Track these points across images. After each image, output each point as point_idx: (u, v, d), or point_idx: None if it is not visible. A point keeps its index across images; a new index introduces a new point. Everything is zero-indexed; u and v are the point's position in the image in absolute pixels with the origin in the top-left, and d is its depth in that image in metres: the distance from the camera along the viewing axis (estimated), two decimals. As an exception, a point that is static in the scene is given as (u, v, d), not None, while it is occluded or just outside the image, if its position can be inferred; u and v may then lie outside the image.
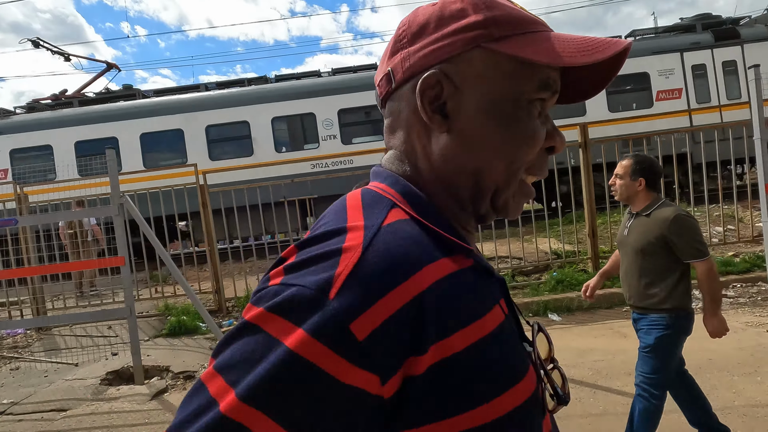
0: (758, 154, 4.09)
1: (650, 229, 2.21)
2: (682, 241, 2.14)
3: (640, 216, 2.27)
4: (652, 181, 2.26)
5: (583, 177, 5.85)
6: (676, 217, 2.14)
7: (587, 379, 3.38)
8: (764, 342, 3.71)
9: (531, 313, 5.16)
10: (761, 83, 4.00)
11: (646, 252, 2.24)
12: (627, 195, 2.31)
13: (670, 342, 2.26)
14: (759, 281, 5.21)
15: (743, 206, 7.06)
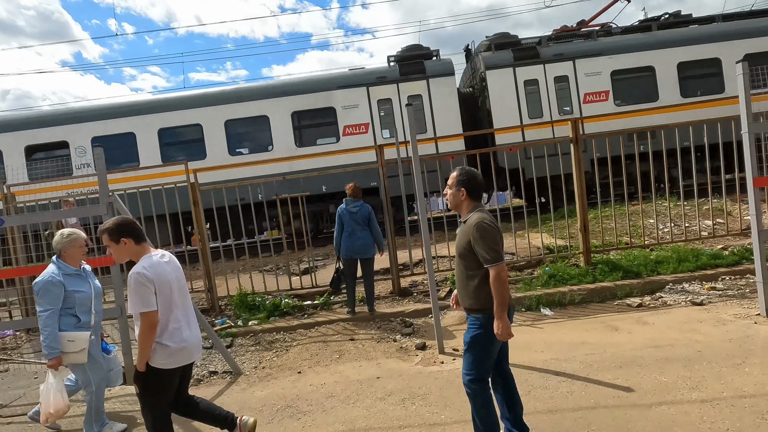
0: (746, 149, 4.14)
1: (464, 235, 2.42)
2: (478, 247, 2.32)
3: (462, 223, 2.48)
4: (474, 191, 2.46)
5: (575, 172, 5.88)
6: (477, 224, 2.33)
7: (579, 373, 3.41)
8: (752, 334, 3.77)
9: (524, 308, 5.19)
10: (748, 78, 4.04)
11: (461, 256, 2.44)
12: (455, 204, 2.52)
13: (483, 341, 2.41)
14: (747, 273, 5.28)
15: (732, 200, 7.14)
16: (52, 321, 2.98)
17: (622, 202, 7.35)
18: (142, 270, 2.38)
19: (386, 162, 6.12)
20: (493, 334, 2.36)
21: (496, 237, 2.34)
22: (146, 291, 2.36)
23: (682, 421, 2.63)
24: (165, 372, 2.48)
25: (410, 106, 4.56)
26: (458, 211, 2.54)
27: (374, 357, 4.30)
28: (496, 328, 2.32)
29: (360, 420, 3.12)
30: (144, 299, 2.36)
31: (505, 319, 2.31)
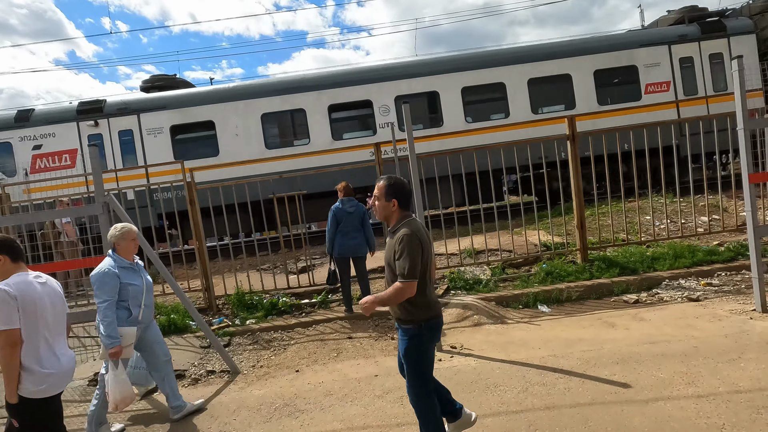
0: (741, 145, 4.16)
1: (391, 246, 2.39)
2: (398, 258, 2.30)
3: (390, 233, 2.46)
4: (404, 201, 2.44)
5: (572, 169, 5.89)
6: (402, 236, 2.31)
7: (576, 369, 3.42)
8: (748, 329, 3.79)
9: (521, 305, 5.20)
10: (744, 74, 4.05)
11: (390, 267, 2.41)
12: (384, 215, 2.46)
13: (416, 351, 2.40)
14: (743, 269, 5.31)
15: (728, 196, 7.17)
16: (110, 311, 3.05)
17: (618, 198, 7.37)
18: (4, 286, 2.25)
19: (383, 161, 6.11)
20: (424, 341, 2.39)
21: (416, 253, 2.28)
22: (8, 308, 2.22)
23: (678, 416, 2.65)
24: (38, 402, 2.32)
25: (406, 104, 4.56)
26: (388, 222, 2.48)
27: (372, 355, 4.30)
28: (363, 301, 2.34)
29: (358, 418, 3.12)
30: (4, 316, 2.22)
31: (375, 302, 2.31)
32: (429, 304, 2.40)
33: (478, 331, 4.59)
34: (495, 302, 5.24)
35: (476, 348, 4.11)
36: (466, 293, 5.55)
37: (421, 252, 2.33)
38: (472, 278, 5.84)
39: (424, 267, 2.35)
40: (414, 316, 2.38)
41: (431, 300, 2.42)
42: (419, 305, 2.36)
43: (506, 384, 3.32)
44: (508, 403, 3.05)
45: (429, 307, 2.40)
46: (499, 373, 3.51)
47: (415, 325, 2.38)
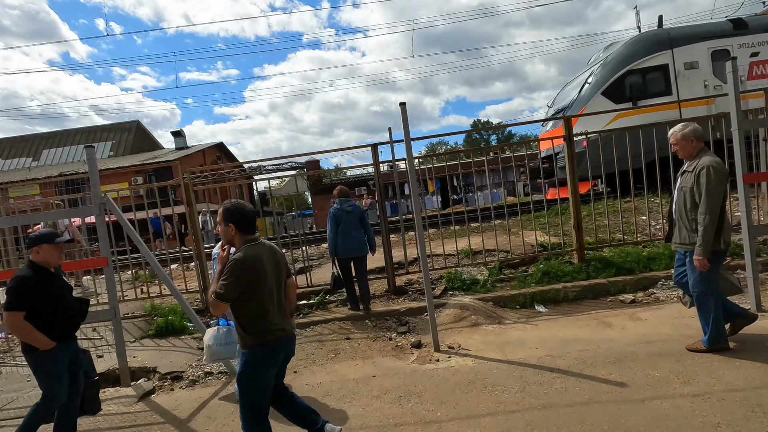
0: (736, 145, 4.19)
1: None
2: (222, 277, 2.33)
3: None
4: (242, 225, 2.45)
5: (568, 170, 5.91)
6: (232, 260, 2.35)
7: (573, 369, 3.44)
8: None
9: (518, 305, 5.22)
10: (738, 75, 4.09)
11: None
12: (227, 239, 2.49)
13: (246, 377, 2.42)
14: (738, 269, 5.34)
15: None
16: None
17: (615, 199, 7.40)
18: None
19: (380, 162, 6.12)
20: (256, 367, 2.39)
21: (239, 279, 2.29)
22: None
23: (674, 415, 2.67)
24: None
25: (403, 104, 4.57)
26: (232, 245, 2.50)
27: (370, 356, 4.31)
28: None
29: (356, 418, 3.13)
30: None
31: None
32: (263, 332, 2.39)
33: (475, 331, 4.60)
34: (492, 302, 5.26)
35: (474, 348, 4.13)
36: (464, 294, 5.57)
37: (255, 279, 2.35)
38: (469, 279, 5.85)
39: (260, 294, 2.37)
40: (245, 341, 2.41)
41: (267, 328, 2.40)
42: (251, 332, 2.38)
43: (504, 384, 3.33)
44: (506, 402, 3.06)
45: (263, 334, 2.39)
46: (497, 373, 3.53)
47: (249, 350, 2.41)
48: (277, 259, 2.53)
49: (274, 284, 2.46)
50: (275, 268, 2.49)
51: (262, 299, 2.39)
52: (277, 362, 2.49)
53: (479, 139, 52.77)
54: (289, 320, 2.60)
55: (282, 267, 2.56)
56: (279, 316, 2.48)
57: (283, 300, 2.54)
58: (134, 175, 25.08)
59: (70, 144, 32.22)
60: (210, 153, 31.51)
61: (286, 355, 2.57)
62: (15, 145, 33.05)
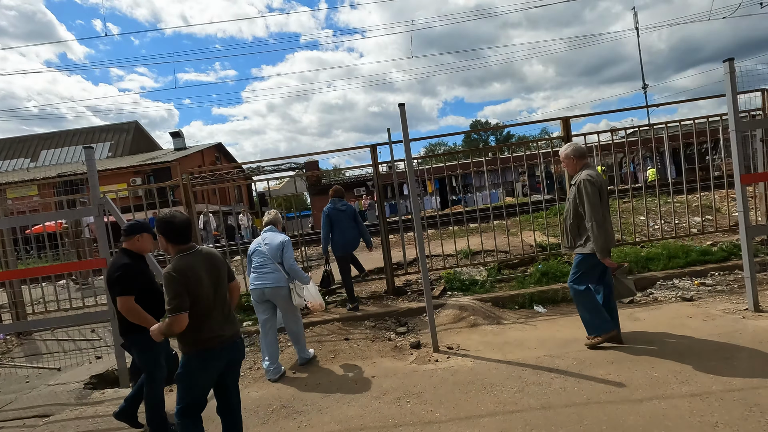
0: (733, 146, 4.21)
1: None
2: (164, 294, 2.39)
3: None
4: (171, 235, 2.49)
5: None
6: (165, 272, 2.39)
7: (571, 369, 3.45)
8: (740, 328, 3.83)
9: (517, 306, 5.23)
10: (735, 76, 4.10)
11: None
12: (164, 249, 2.57)
13: (182, 379, 2.50)
14: (736, 269, 5.37)
15: (720, 196, 7.24)
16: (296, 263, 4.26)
17: (613, 199, 7.42)
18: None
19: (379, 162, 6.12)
20: (193, 371, 2.46)
21: (176, 290, 2.33)
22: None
23: (672, 414, 2.67)
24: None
25: (402, 105, 4.57)
26: (169, 254, 2.59)
27: (369, 356, 4.31)
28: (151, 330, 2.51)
29: (355, 419, 3.13)
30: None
31: (158, 331, 2.46)
32: (200, 339, 2.43)
33: (474, 331, 4.61)
34: (491, 303, 5.26)
35: (473, 348, 4.13)
36: (463, 294, 5.58)
37: (195, 286, 2.39)
38: (468, 279, 5.86)
39: (196, 301, 2.40)
40: (182, 347, 2.47)
41: (205, 335, 2.44)
42: (188, 339, 2.43)
43: (503, 384, 3.34)
44: (505, 402, 3.07)
45: (200, 341, 2.43)
46: (496, 374, 3.54)
47: (185, 356, 2.48)
48: (215, 265, 2.55)
49: (211, 290, 2.47)
50: (212, 275, 2.50)
51: (199, 306, 2.42)
52: (216, 367, 2.51)
53: (478, 139, 52.82)
54: (233, 325, 2.60)
55: (221, 272, 2.57)
56: (219, 321, 2.50)
57: (224, 305, 2.56)
58: (133, 176, 25.05)
59: (68, 145, 32.18)
60: (209, 154, 31.48)
61: (232, 360, 2.59)
62: (13, 146, 32.99)
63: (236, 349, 2.60)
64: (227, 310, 2.58)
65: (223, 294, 2.57)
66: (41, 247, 6.22)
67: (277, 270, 4.12)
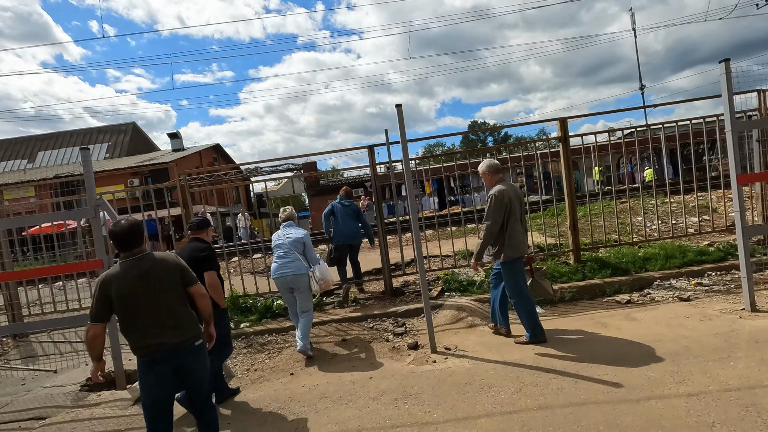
0: (729, 146, 4.22)
1: None
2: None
3: None
4: (115, 243, 2.54)
5: (563, 171, 5.94)
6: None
7: (569, 369, 3.45)
8: (737, 328, 3.84)
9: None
10: (731, 76, 4.12)
11: None
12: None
13: (139, 381, 2.60)
14: (732, 269, 5.38)
15: (717, 197, 7.27)
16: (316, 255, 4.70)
17: (611, 200, 7.43)
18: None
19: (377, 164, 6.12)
20: (140, 377, 2.50)
21: (96, 297, 2.45)
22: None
23: (669, 415, 2.68)
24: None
25: (399, 106, 4.57)
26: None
27: (367, 357, 4.31)
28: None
29: (353, 420, 3.12)
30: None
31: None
32: (134, 346, 2.50)
33: (472, 332, 4.61)
34: (489, 303, 5.26)
35: (470, 349, 4.13)
36: (461, 294, 5.58)
37: (118, 296, 2.42)
38: (466, 280, 5.86)
39: (124, 309, 2.44)
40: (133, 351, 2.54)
41: (138, 343, 2.48)
42: (131, 346, 2.52)
43: (500, 385, 3.34)
44: (502, 403, 3.07)
45: (134, 348, 2.51)
46: (493, 374, 3.54)
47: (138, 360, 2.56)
48: (156, 273, 2.49)
49: (146, 298, 2.45)
50: (149, 283, 2.46)
51: (127, 314, 2.45)
52: (158, 374, 2.47)
53: (476, 140, 52.90)
54: (177, 333, 2.50)
55: (162, 280, 2.51)
56: (152, 330, 2.46)
57: (162, 313, 2.49)
58: (130, 177, 24.99)
59: (65, 146, 32.09)
60: (207, 154, 31.43)
61: (182, 368, 2.53)
62: (10, 147, 32.88)
63: (185, 357, 2.52)
64: (168, 318, 2.50)
65: (161, 302, 2.49)
66: (38, 248, 6.20)
67: (297, 259, 4.50)
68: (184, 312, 2.59)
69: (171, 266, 2.57)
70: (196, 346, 2.57)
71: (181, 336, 2.52)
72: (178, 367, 2.52)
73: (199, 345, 2.59)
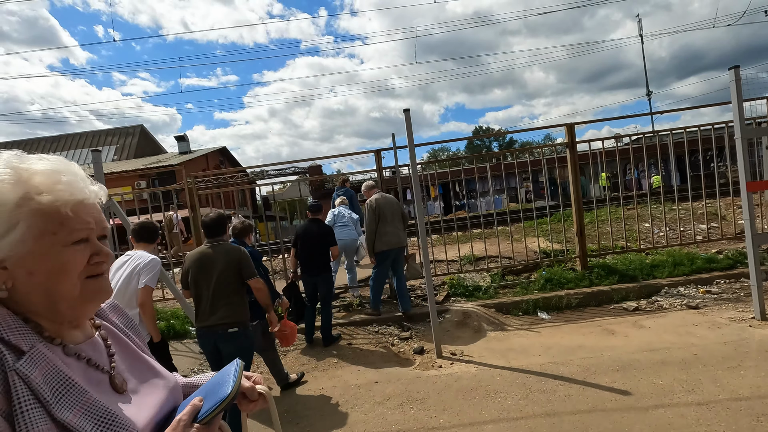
0: (739, 154, 4.19)
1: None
2: None
3: None
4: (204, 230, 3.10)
5: (570, 176, 5.92)
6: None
7: (576, 376, 3.42)
8: (747, 337, 3.80)
9: (521, 312, 5.21)
10: (741, 83, 4.10)
11: None
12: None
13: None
14: (741, 277, 5.32)
15: (726, 204, 7.21)
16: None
17: (617, 206, 7.39)
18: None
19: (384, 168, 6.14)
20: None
21: (182, 267, 3.15)
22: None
23: (678, 423, 2.65)
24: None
25: (407, 111, 4.58)
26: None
27: (372, 361, 4.30)
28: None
29: (358, 424, 3.12)
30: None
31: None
32: (195, 316, 3.05)
33: (478, 337, 4.59)
34: (495, 309, 5.24)
35: (476, 355, 4.12)
36: (466, 300, 5.56)
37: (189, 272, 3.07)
38: (471, 285, 5.84)
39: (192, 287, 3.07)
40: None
41: (197, 313, 3.04)
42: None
43: (507, 391, 3.32)
44: (509, 410, 3.05)
45: (195, 316, 3.05)
46: (500, 380, 3.52)
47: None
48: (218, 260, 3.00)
49: (204, 277, 3.01)
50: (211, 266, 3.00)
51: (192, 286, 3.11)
52: (203, 345, 3.05)
53: (481, 145, 52.87)
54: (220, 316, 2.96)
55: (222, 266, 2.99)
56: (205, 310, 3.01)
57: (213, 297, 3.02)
58: (138, 179, 25.19)
59: (74, 148, 32.43)
60: (213, 157, 31.64)
61: (222, 348, 2.97)
62: (19, 149, 33.20)
63: (219, 338, 2.91)
64: (214, 299, 2.91)
65: (215, 284, 2.92)
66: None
67: (352, 229, 6.01)
68: (232, 299, 2.94)
69: (232, 258, 2.97)
70: (229, 332, 2.89)
71: (218, 320, 2.89)
72: (216, 345, 2.90)
73: (233, 332, 2.89)
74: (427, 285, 4.27)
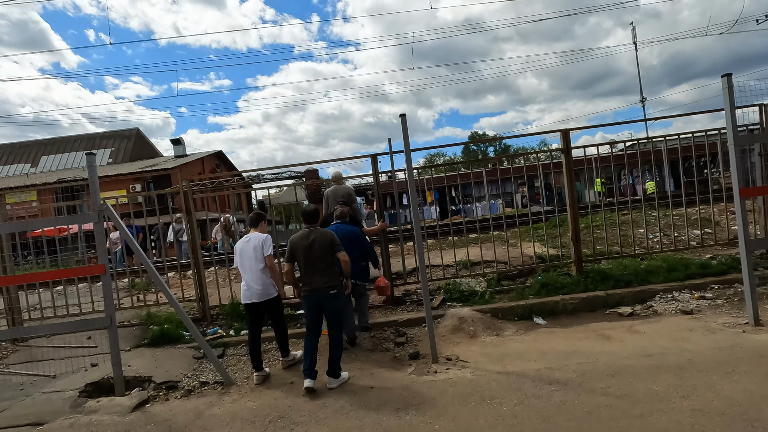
0: (732, 160, 4.23)
1: None
2: None
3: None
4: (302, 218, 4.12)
5: (566, 182, 5.95)
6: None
7: (572, 382, 3.42)
8: (741, 342, 3.82)
9: (516, 317, 5.21)
10: (733, 91, 4.14)
11: None
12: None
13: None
14: (735, 283, 5.36)
15: (719, 210, 7.27)
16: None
17: (612, 211, 7.43)
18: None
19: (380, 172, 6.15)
20: (305, 305, 3.99)
21: (288, 248, 4.04)
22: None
23: (673, 429, 2.65)
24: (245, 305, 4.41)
25: (403, 116, 4.59)
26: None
27: (367, 367, 4.28)
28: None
29: (354, 431, 3.09)
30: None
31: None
32: (303, 284, 4.01)
33: (473, 342, 4.58)
34: (490, 314, 5.24)
35: (472, 360, 4.11)
36: (462, 305, 5.55)
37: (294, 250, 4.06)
38: (467, 290, 5.84)
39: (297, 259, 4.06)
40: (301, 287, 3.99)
41: (304, 282, 4.02)
42: (301, 282, 3.95)
43: (502, 396, 3.31)
44: (504, 415, 3.04)
45: (303, 285, 4.03)
46: (495, 386, 3.51)
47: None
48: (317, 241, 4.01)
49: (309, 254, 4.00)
50: (312, 245, 3.98)
51: (300, 262, 4.08)
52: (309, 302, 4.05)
53: (476, 150, 53.11)
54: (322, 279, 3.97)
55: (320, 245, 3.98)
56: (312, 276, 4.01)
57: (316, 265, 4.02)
58: (133, 183, 25.07)
59: (68, 151, 32.26)
60: (209, 161, 31.57)
61: (324, 305, 4.01)
62: (14, 151, 33.05)
63: (324, 297, 3.94)
64: (320, 270, 3.95)
65: (317, 259, 3.95)
66: (39, 252, 6.20)
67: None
68: (330, 268, 3.99)
69: (326, 239, 3.99)
70: (331, 294, 3.95)
71: (323, 283, 3.93)
72: (321, 302, 3.95)
73: (333, 293, 3.96)
74: (423, 290, 4.27)
